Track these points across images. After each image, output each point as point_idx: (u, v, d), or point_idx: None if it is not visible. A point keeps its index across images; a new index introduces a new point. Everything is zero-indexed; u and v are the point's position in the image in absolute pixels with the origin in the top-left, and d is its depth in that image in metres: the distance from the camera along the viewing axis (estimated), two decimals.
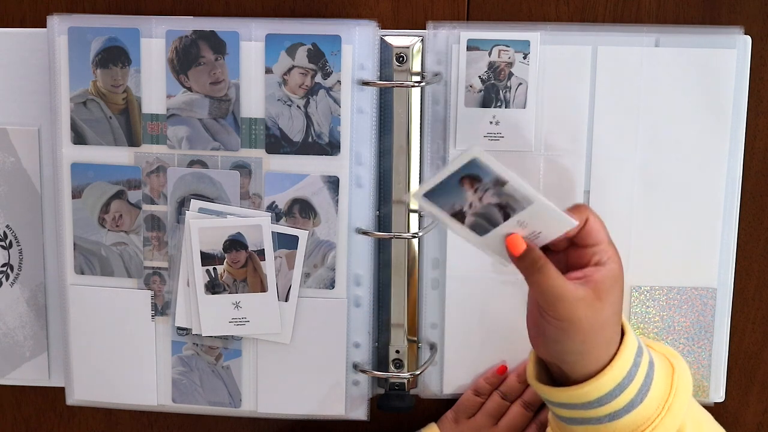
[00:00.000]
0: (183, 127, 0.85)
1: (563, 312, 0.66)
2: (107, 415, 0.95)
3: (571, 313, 0.66)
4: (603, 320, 0.67)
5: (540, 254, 0.67)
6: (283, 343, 0.87)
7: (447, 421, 0.89)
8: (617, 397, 0.69)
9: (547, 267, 0.66)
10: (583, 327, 0.66)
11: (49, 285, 0.92)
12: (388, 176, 0.86)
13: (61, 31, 0.84)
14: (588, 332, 0.67)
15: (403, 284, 0.88)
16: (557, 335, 0.67)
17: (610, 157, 0.86)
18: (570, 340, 0.67)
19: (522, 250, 0.66)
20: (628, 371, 0.69)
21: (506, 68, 0.84)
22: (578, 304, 0.66)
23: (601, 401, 0.69)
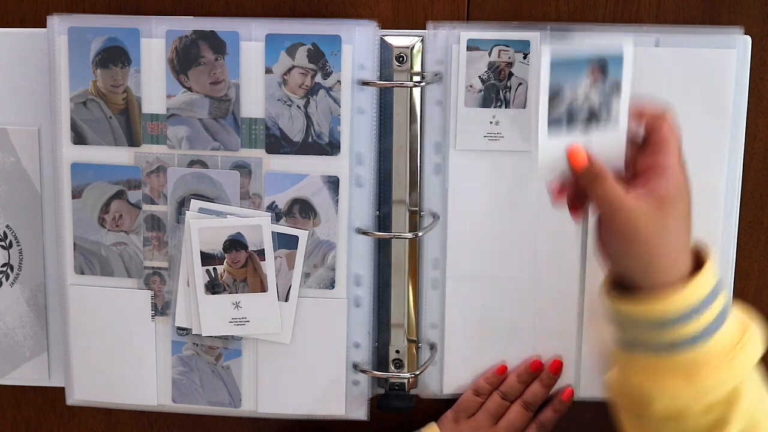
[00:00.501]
0: (183, 127, 0.85)
1: (622, 223, 0.66)
2: (107, 415, 0.95)
3: (629, 225, 0.66)
4: (664, 233, 0.66)
5: (600, 166, 0.67)
6: (283, 343, 0.87)
7: (447, 420, 0.89)
8: (683, 324, 0.66)
9: (607, 179, 0.67)
10: (643, 238, 0.66)
11: (49, 285, 0.92)
12: (388, 176, 0.86)
13: (61, 31, 0.84)
14: (648, 244, 0.66)
15: (403, 284, 0.88)
16: (620, 247, 0.68)
17: None
18: (632, 252, 0.67)
19: (584, 161, 0.67)
20: (702, 300, 0.66)
21: (506, 68, 0.84)
22: (637, 215, 0.66)
23: (665, 322, 0.66)
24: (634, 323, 0.69)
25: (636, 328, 0.69)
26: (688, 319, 0.67)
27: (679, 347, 0.67)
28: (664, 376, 0.68)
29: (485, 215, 0.87)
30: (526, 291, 0.88)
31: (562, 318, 0.88)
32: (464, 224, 0.87)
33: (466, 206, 0.87)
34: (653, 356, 0.69)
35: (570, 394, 0.89)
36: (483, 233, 0.87)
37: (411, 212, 0.87)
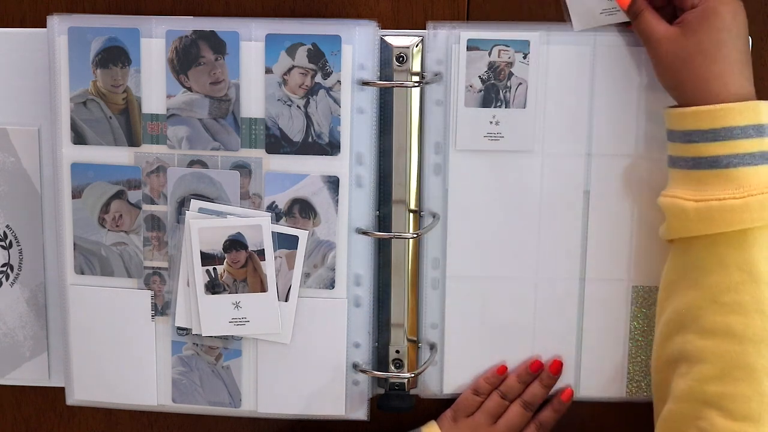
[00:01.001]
0: (183, 127, 0.85)
1: (651, 49, 0.76)
2: (107, 415, 0.95)
3: (656, 50, 0.76)
4: (686, 55, 0.73)
5: (641, 3, 0.77)
6: (283, 343, 0.87)
7: (446, 419, 0.89)
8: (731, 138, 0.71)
9: (644, 13, 0.77)
10: (666, 61, 0.75)
11: (49, 285, 0.92)
12: (388, 176, 0.86)
13: (61, 31, 0.84)
14: (672, 66, 0.75)
15: (403, 284, 0.88)
16: (657, 72, 0.77)
17: (610, 157, 0.85)
18: (664, 76, 0.76)
19: (626, 4, 0.78)
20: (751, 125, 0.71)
21: (506, 68, 0.84)
22: (661, 41, 0.75)
23: (716, 133, 0.71)
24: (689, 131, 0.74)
25: (693, 137, 0.73)
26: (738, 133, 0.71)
27: (732, 161, 0.71)
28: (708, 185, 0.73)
29: (485, 215, 0.87)
30: (526, 291, 0.88)
31: (562, 318, 0.88)
32: (464, 224, 0.87)
33: (466, 206, 0.87)
34: (714, 171, 0.72)
35: (570, 394, 0.89)
36: (483, 233, 0.87)
37: (411, 212, 0.87)
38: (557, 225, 0.87)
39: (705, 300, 0.72)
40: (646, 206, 0.86)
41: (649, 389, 0.89)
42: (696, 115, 0.73)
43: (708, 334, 0.71)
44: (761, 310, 0.70)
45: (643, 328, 0.88)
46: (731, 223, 0.71)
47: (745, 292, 0.70)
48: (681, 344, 0.73)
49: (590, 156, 0.86)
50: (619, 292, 0.87)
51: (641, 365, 0.88)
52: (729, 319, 0.70)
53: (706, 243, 0.73)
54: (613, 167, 0.86)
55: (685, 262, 0.75)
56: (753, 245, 0.71)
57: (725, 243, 0.72)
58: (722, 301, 0.71)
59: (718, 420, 0.69)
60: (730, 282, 0.71)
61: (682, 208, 0.74)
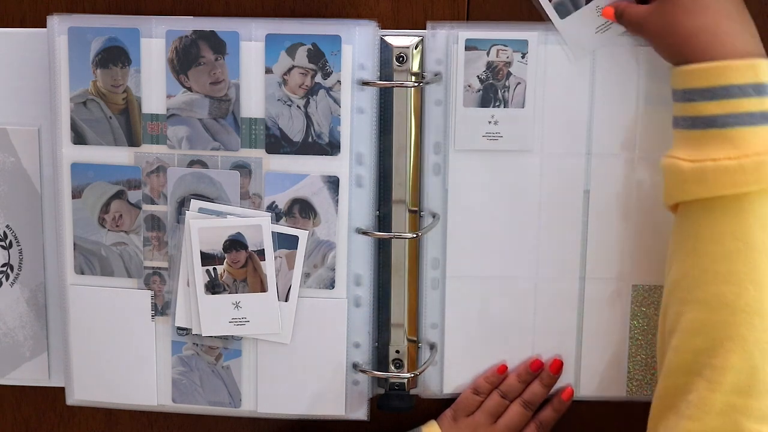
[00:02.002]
0: (183, 127, 0.85)
1: (643, 34, 0.78)
2: (107, 415, 0.95)
3: (646, 32, 0.77)
4: (670, 19, 0.73)
5: (621, 8, 0.79)
6: (283, 343, 0.87)
7: (446, 419, 0.89)
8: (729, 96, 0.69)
9: (625, 10, 0.79)
10: (657, 36, 0.76)
11: (49, 285, 0.92)
12: (388, 176, 0.86)
13: (61, 31, 0.84)
14: (664, 37, 0.75)
15: (403, 284, 0.88)
16: (659, 52, 0.77)
17: (610, 157, 0.86)
18: (663, 51, 0.76)
19: (612, 15, 0.80)
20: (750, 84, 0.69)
21: (504, 68, 0.84)
22: (647, 21, 0.76)
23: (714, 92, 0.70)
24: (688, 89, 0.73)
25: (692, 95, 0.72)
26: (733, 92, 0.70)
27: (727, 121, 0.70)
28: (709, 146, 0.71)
29: (485, 215, 0.87)
30: (526, 291, 0.88)
31: (562, 317, 0.88)
32: (464, 224, 0.87)
33: (466, 206, 0.87)
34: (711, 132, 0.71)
35: (570, 393, 0.89)
36: (483, 233, 0.87)
37: (411, 212, 0.87)
38: (557, 225, 0.87)
39: (699, 269, 0.70)
40: (646, 206, 0.86)
41: (649, 388, 0.89)
42: (694, 73, 0.72)
43: (701, 305, 0.70)
44: (755, 280, 0.68)
45: (644, 327, 0.88)
46: (725, 185, 0.69)
47: (739, 261, 0.69)
48: (676, 315, 0.71)
49: (590, 156, 0.86)
50: (619, 292, 0.87)
51: (641, 365, 0.88)
52: (722, 288, 0.69)
53: (702, 209, 0.71)
54: (613, 167, 0.86)
55: (682, 230, 0.73)
56: (748, 212, 0.69)
57: (721, 209, 0.70)
58: (716, 270, 0.69)
59: (707, 393, 0.67)
60: (724, 251, 0.69)
61: (679, 169, 0.72)
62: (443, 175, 0.87)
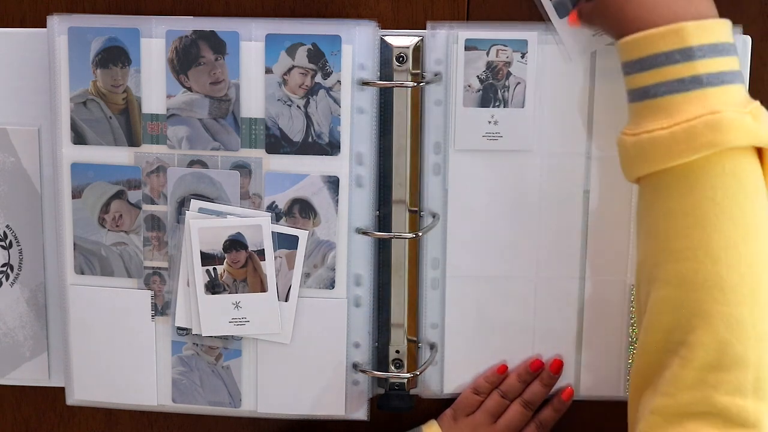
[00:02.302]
0: (183, 127, 0.85)
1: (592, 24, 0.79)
2: (107, 415, 0.95)
3: (593, 22, 0.77)
4: (600, 8, 0.74)
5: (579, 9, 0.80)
6: (283, 343, 0.87)
7: (446, 418, 0.89)
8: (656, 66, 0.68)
9: (581, 10, 0.79)
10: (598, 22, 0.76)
11: (49, 285, 0.92)
12: (388, 176, 0.86)
13: (61, 31, 0.84)
14: (601, 23, 0.75)
15: (403, 284, 0.88)
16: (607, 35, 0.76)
17: (610, 157, 0.85)
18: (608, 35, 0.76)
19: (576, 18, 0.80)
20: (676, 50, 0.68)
21: (504, 68, 0.84)
22: (591, 13, 0.77)
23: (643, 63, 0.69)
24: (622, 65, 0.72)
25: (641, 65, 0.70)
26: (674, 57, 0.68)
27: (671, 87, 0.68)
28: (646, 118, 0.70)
29: (485, 215, 0.87)
30: (526, 291, 0.88)
31: (562, 318, 0.88)
32: (464, 224, 0.87)
33: (466, 206, 0.87)
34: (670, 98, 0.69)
35: (570, 393, 0.89)
36: (483, 233, 0.87)
37: (411, 212, 0.87)
38: (557, 225, 0.87)
39: (658, 249, 0.70)
40: None
41: None
42: (624, 47, 0.70)
43: (663, 284, 0.69)
44: (711, 254, 0.67)
45: None
46: (662, 157, 0.68)
47: (693, 237, 0.67)
48: (645, 295, 0.71)
49: (590, 156, 0.86)
50: (619, 292, 0.87)
51: None
52: (680, 266, 0.68)
53: (651, 187, 0.70)
54: (613, 167, 0.85)
55: (639, 209, 0.73)
56: (695, 185, 0.67)
57: (667, 185, 0.69)
58: (672, 248, 0.68)
59: (679, 369, 0.67)
60: (678, 227, 0.68)
61: (623, 145, 0.71)
62: (443, 175, 0.87)
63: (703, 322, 0.66)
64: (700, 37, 0.68)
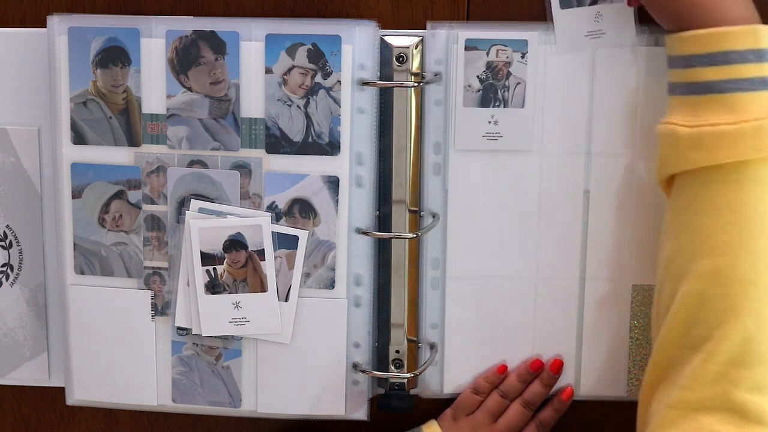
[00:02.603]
0: (183, 127, 0.85)
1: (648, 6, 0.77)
2: (107, 415, 0.95)
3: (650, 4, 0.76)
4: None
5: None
6: (283, 343, 0.87)
7: (446, 418, 0.89)
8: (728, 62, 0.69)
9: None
10: (653, 4, 0.75)
11: (49, 285, 0.92)
12: (388, 176, 0.86)
13: (61, 31, 0.84)
14: (658, 6, 0.75)
15: (403, 284, 0.88)
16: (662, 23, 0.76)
17: (610, 157, 0.86)
18: (657, 18, 0.76)
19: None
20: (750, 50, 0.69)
21: (504, 68, 0.84)
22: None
23: (713, 57, 0.69)
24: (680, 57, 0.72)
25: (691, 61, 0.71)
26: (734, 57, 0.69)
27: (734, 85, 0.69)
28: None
29: (485, 215, 0.87)
30: (526, 291, 0.88)
31: (562, 318, 0.88)
32: (464, 224, 0.87)
33: (466, 206, 0.87)
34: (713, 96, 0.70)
35: (570, 393, 0.89)
36: (483, 233, 0.87)
37: (411, 212, 0.87)
38: (557, 225, 0.87)
39: (694, 243, 0.70)
40: (646, 206, 0.86)
41: None
42: (694, 39, 0.71)
43: (695, 278, 0.69)
44: (750, 251, 0.67)
45: (644, 326, 0.88)
46: (725, 151, 0.68)
47: (735, 233, 0.68)
48: (672, 291, 0.71)
49: (590, 155, 0.86)
50: (619, 292, 0.87)
51: (641, 365, 0.88)
52: (717, 261, 0.68)
53: (698, 182, 0.70)
54: (613, 167, 0.86)
55: (677, 205, 0.73)
56: (746, 183, 0.68)
57: (717, 180, 0.69)
58: (711, 243, 0.69)
59: (701, 364, 0.67)
60: (720, 223, 0.68)
61: (675, 135, 0.71)
62: (443, 175, 0.87)
63: (732, 318, 0.67)
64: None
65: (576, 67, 0.84)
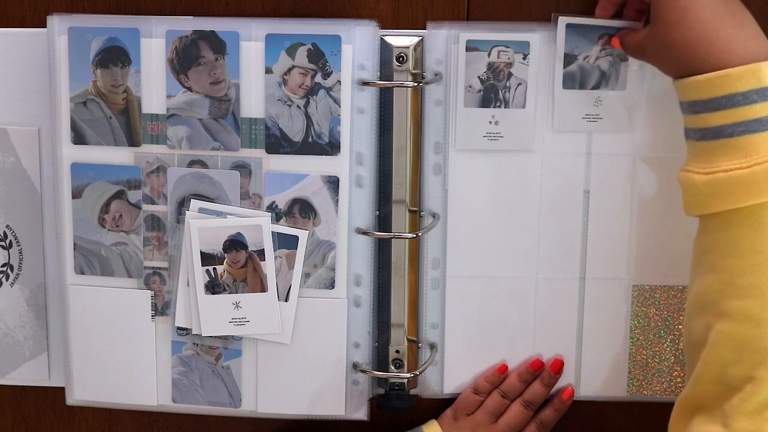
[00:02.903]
0: (183, 127, 0.85)
1: (644, 58, 0.78)
2: (107, 415, 0.95)
3: (647, 56, 0.77)
4: (664, 38, 0.73)
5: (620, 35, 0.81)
6: (283, 343, 0.87)
7: (446, 418, 0.90)
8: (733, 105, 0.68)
9: (625, 38, 0.79)
10: (658, 58, 0.75)
11: (49, 285, 0.92)
12: (388, 176, 0.86)
13: (61, 31, 0.84)
14: (664, 58, 0.75)
15: (403, 284, 0.88)
16: (664, 71, 0.76)
17: (610, 157, 0.86)
18: (667, 70, 0.75)
19: (618, 43, 0.81)
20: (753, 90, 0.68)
21: (505, 69, 0.84)
22: (644, 46, 0.76)
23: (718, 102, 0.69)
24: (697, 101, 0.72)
25: (700, 107, 0.71)
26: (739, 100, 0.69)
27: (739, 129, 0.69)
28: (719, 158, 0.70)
29: (485, 215, 0.87)
30: (526, 291, 0.88)
31: (562, 318, 0.88)
32: (464, 224, 0.87)
33: (466, 206, 0.87)
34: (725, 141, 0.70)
35: (570, 393, 0.89)
36: (483, 233, 0.87)
37: (411, 212, 0.87)
38: (557, 225, 0.87)
39: (722, 283, 0.70)
40: (646, 206, 0.86)
41: (649, 388, 0.89)
42: (696, 85, 0.70)
43: (726, 318, 0.69)
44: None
45: (644, 327, 0.88)
46: (740, 196, 0.68)
47: (762, 274, 0.68)
48: (702, 327, 0.71)
49: (590, 156, 0.86)
50: (619, 292, 0.87)
51: (642, 364, 0.88)
52: (746, 302, 0.68)
53: (719, 224, 0.70)
54: (613, 167, 0.86)
55: (701, 244, 0.73)
56: (765, 225, 0.68)
57: (738, 224, 0.69)
58: (738, 285, 0.69)
59: (738, 403, 0.67)
60: (746, 265, 0.68)
61: (692, 182, 0.71)
62: (443, 175, 0.87)
63: (764, 358, 0.67)
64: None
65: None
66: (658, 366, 0.88)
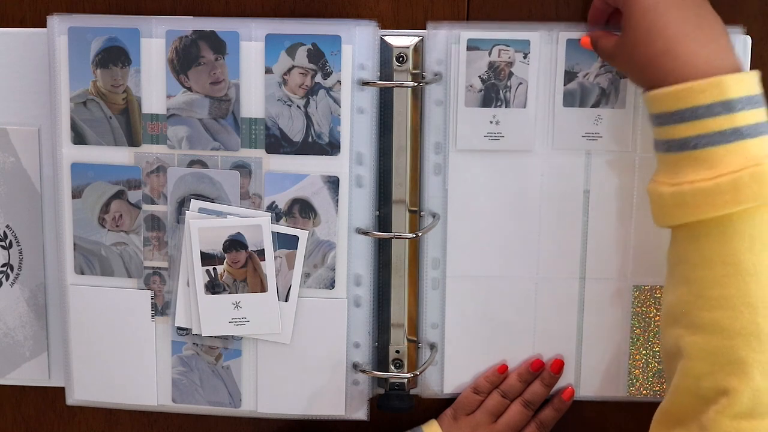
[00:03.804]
0: (183, 127, 0.85)
1: (611, 62, 0.80)
2: (107, 415, 0.95)
3: (614, 61, 0.79)
4: (632, 48, 0.73)
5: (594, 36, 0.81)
6: (283, 343, 0.87)
7: (446, 417, 0.90)
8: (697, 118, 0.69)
9: (599, 41, 0.80)
10: (627, 66, 0.76)
11: (49, 285, 0.92)
12: (388, 176, 0.86)
13: (61, 31, 0.84)
14: (625, 67, 0.77)
15: (403, 284, 0.88)
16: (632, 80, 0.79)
17: (610, 157, 0.86)
18: (630, 78, 0.79)
19: (589, 42, 0.81)
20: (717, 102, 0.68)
21: (506, 68, 0.84)
22: (614, 54, 0.77)
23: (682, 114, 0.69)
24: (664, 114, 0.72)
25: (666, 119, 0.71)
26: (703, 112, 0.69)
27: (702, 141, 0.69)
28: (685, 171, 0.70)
29: (485, 215, 0.87)
30: (526, 291, 0.88)
31: (563, 317, 0.88)
32: (464, 224, 0.87)
33: (466, 206, 0.87)
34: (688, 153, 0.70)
35: (570, 393, 0.89)
36: (483, 233, 0.87)
37: (411, 212, 0.87)
38: (557, 225, 0.87)
39: (692, 295, 0.70)
40: (646, 206, 0.86)
41: (649, 388, 0.89)
42: (661, 98, 0.71)
43: (697, 330, 0.69)
44: (748, 303, 0.68)
45: (644, 327, 0.88)
46: (705, 207, 0.69)
47: (731, 286, 0.68)
48: (675, 338, 0.72)
49: (590, 155, 0.86)
50: (619, 292, 0.87)
51: (642, 365, 0.88)
52: (716, 314, 0.69)
53: (688, 235, 0.71)
54: (613, 167, 0.86)
55: (673, 254, 0.73)
56: (733, 236, 0.68)
57: (706, 235, 0.69)
58: (708, 296, 0.69)
59: (714, 416, 0.67)
60: (715, 276, 0.69)
61: (659, 194, 0.72)
62: (443, 175, 0.87)
63: (737, 370, 0.67)
64: (738, 89, 0.69)
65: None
66: (658, 366, 0.88)
